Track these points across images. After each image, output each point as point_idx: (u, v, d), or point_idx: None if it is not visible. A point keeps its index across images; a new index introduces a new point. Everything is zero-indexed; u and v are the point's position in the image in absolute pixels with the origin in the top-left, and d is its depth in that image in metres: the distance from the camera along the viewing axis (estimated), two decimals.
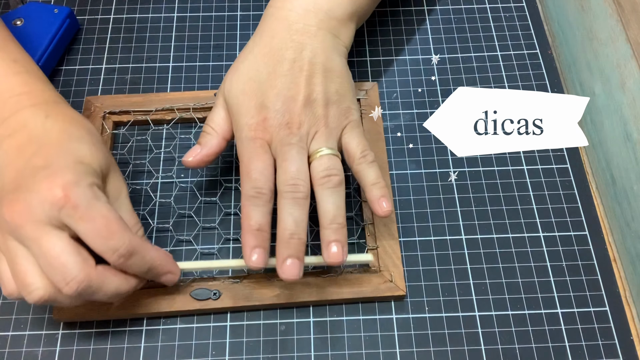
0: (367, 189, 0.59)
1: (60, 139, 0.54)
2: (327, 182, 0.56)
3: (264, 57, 0.60)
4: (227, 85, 0.61)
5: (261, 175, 0.56)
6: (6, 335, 0.59)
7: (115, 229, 0.51)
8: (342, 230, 0.56)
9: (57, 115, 0.56)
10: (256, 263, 0.55)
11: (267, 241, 0.55)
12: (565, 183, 0.67)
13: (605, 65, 0.70)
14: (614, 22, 0.68)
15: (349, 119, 0.60)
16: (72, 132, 0.55)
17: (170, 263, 0.57)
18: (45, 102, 0.57)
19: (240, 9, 0.80)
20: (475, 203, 0.66)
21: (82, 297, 0.51)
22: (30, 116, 0.55)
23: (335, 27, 0.63)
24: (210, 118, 0.62)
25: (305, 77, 0.59)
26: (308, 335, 0.59)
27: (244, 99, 0.59)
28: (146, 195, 0.66)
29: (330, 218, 0.56)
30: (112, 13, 0.80)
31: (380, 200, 0.58)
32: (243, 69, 0.61)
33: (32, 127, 0.54)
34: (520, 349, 0.58)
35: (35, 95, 0.57)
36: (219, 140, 0.62)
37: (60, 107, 0.58)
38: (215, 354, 0.58)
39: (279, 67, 0.59)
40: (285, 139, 0.57)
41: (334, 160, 0.58)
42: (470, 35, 0.78)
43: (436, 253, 0.63)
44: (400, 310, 0.60)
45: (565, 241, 0.64)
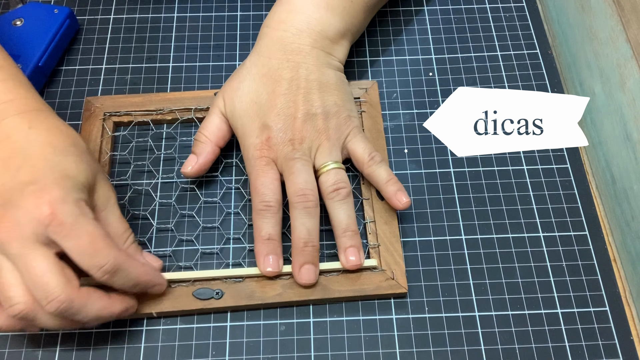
0: (382, 188, 0.63)
1: (44, 153, 0.54)
2: (337, 196, 0.61)
3: (263, 78, 0.63)
4: (230, 107, 0.64)
5: (268, 190, 0.60)
6: (6, 336, 0.59)
7: (100, 246, 0.52)
8: (356, 237, 0.60)
9: (40, 125, 0.56)
10: (271, 267, 0.59)
11: (279, 248, 0.60)
12: (565, 183, 0.67)
13: (605, 65, 0.70)
14: (614, 22, 0.68)
15: (350, 127, 0.64)
16: (56, 144, 0.55)
17: (156, 277, 0.57)
18: (29, 110, 0.57)
19: (240, 9, 0.80)
20: (475, 203, 0.66)
21: (63, 317, 0.52)
22: (13, 126, 0.55)
23: (329, 45, 0.66)
24: (204, 126, 0.66)
25: (303, 94, 0.62)
26: (308, 336, 0.59)
27: (247, 121, 0.63)
28: (147, 195, 0.66)
29: (344, 227, 0.60)
30: (112, 13, 0.80)
31: (397, 195, 0.62)
32: (244, 89, 0.64)
33: (15, 138, 0.54)
34: (520, 349, 0.58)
35: (19, 103, 0.57)
36: (213, 148, 0.65)
37: (44, 115, 0.57)
38: (215, 354, 0.58)
39: (277, 88, 0.63)
40: (290, 154, 0.61)
41: (340, 173, 0.61)
42: (470, 35, 0.78)
43: (436, 253, 0.63)
44: (400, 310, 0.60)
45: (565, 241, 0.64)
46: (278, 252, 0.59)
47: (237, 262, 0.62)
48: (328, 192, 0.61)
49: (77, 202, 0.52)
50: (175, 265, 0.62)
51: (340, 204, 0.61)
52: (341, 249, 0.60)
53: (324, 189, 0.61)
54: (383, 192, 0.63)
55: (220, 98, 0.65)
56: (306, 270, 0.59)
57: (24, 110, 0.56)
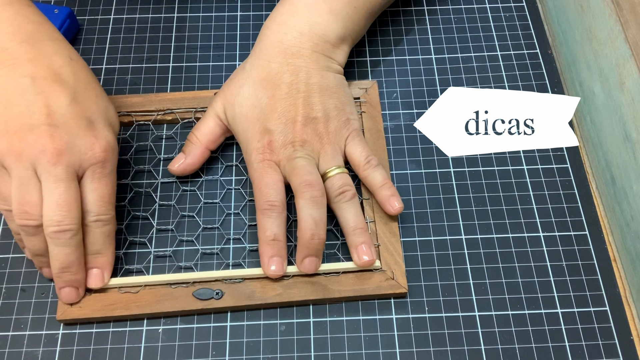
0: (376, 192, 0.63)
1: (90, 92, 0.59)
2: (343, 198, 0.61)
3: (262, 82, 0.63)
4: (230, 112, 0.64)
5: (271, 189, 0.60)
6: (6, 336, 0.59)
7: (111, 201, 0.58)
8: (366, 234, 0.61)
9: (78, 60, 0.61)
10: (275, 271, 0.59)
11: (284, 250, 0.60)
12: (565, 183, 0.67)
13: (605, 65, 0.70)
14: (612, 22, 0.68)
15: (350, 130, 0.64)
16: (94, 86, 0.61)
17: (109, 263, 0.60)
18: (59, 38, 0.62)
19: (240, 9, 0.80)
20: (475, 203, 0.66)
21: (46, 245, 0.56)
22: (53, 53, 0.59)
23: (329, 49, 0.66)
24: (197, 128, 0.66)
25: (303, 97, 0.63)
26: (308, 336, 0.59)
27: (248, 126, 0.63)
28: (148, 196, 0.66)
29: (353, 226, 0.61)
30: (113, 13, 0.80)
31: (390, 200, 0.62)
32: (244, 94, 0.64)
33: (57, 66, 0.58)
34: (520, 349, 0.58)
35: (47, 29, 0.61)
36: (202, 150, 0.66)
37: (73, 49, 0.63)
38: (215, 354, 0.58)
39: (277, 91, 0.63)
40: (291, 155, 0.61)
41: (345, 177, 0.62)
42: (470, 35, 0.78)
43: (436, 253, 0.63)
44: (400, 310, 0.60)
45: (565, 241, 0.64)
46: (283, 254, 0.59)
47: (237, 262, 0.63)
48: (334, 196, 0.61)
49: (115, 154, 0.59)
50: (175, 265, 0.62)
51: (347, 205, 0.61)
52: (352, 247, 0.60)
53: (330, 193, 0.61)
54: (377, 196, 0.63)
55: (219, 102, 0.66)
56: (309, 261, 0.59)
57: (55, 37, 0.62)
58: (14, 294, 0.61)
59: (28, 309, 0.60)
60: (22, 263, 0.63)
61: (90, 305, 0.59)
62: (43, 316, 0.60)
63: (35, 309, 0.61)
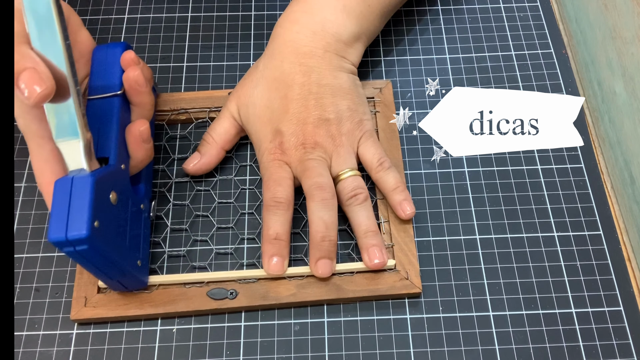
0: (389, 195, 0.63)
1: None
2: (355, 200, 0.61)
3: (275, 82, 0.63)
4: (244, 113, 0.65)
5: (279, 186, 0.60)
6: (20, 335, 0.59)
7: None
8: (377, 236, 0.60)
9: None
10: (273, 270, 0.59)
11: (285, 249, 0.59)
12: (579, 183, 0.67)
13: (630, 64, 0.69)
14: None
15: (363, 131, 0.64)
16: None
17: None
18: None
19: (254, 9, 0.80)
20: (489, 203, 0.66)
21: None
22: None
23: (343, 48, 0.65)
24: (213, 128, 0.66)
25: (315, 98, 0.62)
26: (322, 335, 0.59)
27: (260, 126, 0.63)
28: (162, 196, 0.66)
29: (365, 228, 0.60)
30: (126, 13, 0.80)
31: (402, 204, 0.62)
32: (257, 94, 0.64)
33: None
34: (534, 349, 0.58)
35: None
36: (218, 151, 0.66)
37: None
38: (229, 354, 0.58)
39: (289, 92, 0.63)
40: (303, 156, 0.61)
41: (357, 180, 0.62)
42: (484, 35, 0.77)
43: (450, 253, 0.63)
44: (414, 310, 0.60)
45: (579, 241, 0.64)
46: (284, 253, 0.59)
47: (251, 262, 0.63)
48: (347, 199, 0.61)
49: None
50: (189, 265, 0.62)
51: (359, 208, 0.61)
52: (364, 249, 0.60)
53: (342, 195, 0.61)
54: (389, 199, 0.63)
55: (233, 102, 0.66)
56: (322, 264, 0.59)
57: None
58: (27, 294, 0.61)
59: (42, 309, 0.61)
60: (36, 263, 0.63)
61: (104, 305, 0.59)
62: (57, 316, 0.60)
63: (49, 308, 0.61)
